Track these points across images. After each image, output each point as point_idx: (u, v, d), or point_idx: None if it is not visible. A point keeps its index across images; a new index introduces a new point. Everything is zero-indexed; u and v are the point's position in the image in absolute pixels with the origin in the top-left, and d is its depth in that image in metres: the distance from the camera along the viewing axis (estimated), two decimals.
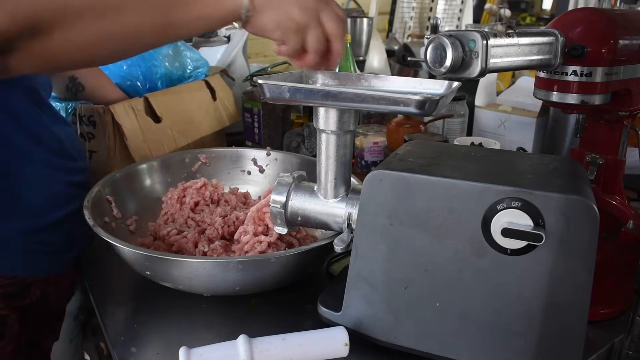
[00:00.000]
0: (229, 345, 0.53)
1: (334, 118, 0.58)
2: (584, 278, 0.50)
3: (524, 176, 0.53)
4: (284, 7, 0.56)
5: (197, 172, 0.95)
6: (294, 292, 0.72)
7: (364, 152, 1.12)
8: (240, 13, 0.54)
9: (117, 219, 0.80)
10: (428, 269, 0.55)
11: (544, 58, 0.58)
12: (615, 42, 0.58)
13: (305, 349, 0.55)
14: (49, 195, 0.71)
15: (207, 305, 0.69)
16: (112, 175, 0.84)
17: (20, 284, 0.69)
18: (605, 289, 0.64)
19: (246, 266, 0.62)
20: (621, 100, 0.62)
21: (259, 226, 0.71)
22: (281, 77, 0.61)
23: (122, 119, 0.93)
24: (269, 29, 0.57)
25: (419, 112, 0.52)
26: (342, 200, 0.62)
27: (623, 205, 0.64)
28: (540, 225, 0.49)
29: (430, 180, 0.53)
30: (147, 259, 0.64)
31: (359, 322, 0.59)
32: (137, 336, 0.64)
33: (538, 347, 0.52)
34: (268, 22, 0.56)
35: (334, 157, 0.61)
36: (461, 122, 1.16)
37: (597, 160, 0.64)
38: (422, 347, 0.57)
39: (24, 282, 0.69)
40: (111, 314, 0.69)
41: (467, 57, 0.54)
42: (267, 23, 0.56)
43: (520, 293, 0.52)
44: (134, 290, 0.74)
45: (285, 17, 0.56)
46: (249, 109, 1.27)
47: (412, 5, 2.19)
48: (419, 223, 0.54)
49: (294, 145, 1.20)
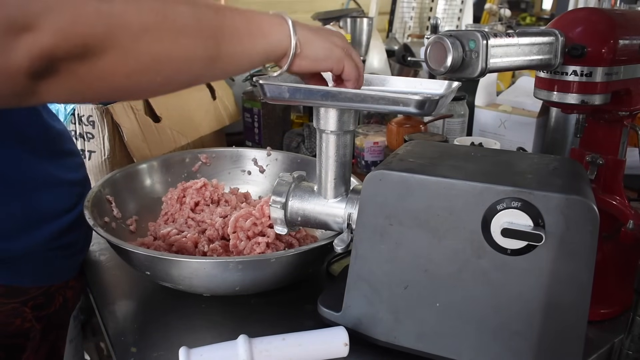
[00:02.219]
0: (228, 345, 0.53)
1: (334, 118, 0.58)
2: (584, 278, 0.50)
3: (524, 176, 0.53)
4: (327, 36, 0.56)
5: (197, 172, 0.95)
6: (294, 292, 0.72)
7: (364, 152, 1.12)
8: (289, 45, 0.52)
9: (117, 219, 0.80)
10: (428, 269, 0.55)
11: (544, 58, 0.58)
12: (615, 42, 0.58)
13: (305, 349, 0.55)
14: (61, 197, 0.70)
15: (207, 305, 0.69)
16: (112, 175, 0.84)
17: (47, 293, 0.68)
18: (605, 289, 0.64)
19: (246, 266, 0.62)
20: (621, 100, 0.62)
21: (248, 231, 0.72)
22: (281, 77, 0.61)
23: (122, 119, 0.93)
24: (322, 57, 0.55)
25: (418, 112, 0.52)
26: (342, 200, 0.62)
27: (623, 205, 0.64)
28: (540, 226, 0.49)
29: (430, 180, 0.53)
30: (147, 259, 0.64)
31: (359, 322, 0.59)
32: (137, 336, 0.64)
33: (538, 347, 0.52)
34: (320, 51, 0.55)
35: (334, 157, 0.61)
36: (461, 122, 1.16)
37: (597, 160, 0.64)
38: (422, 347, 0.57)
39: (49, 290, 0.69)
40: (111, 314, 0.69)
41: (467, 57, 0.54)
42: (319, 52, 0.55)
43: (520, 293, 0.52)
44: (134, 290, 0.74)
45: (333, 44, 0.55)
46: (249, 109, 1.27)
47: (412, 5, 2.19)
48: (419, 223, 0.54)
49: (294, 145, 1.20)
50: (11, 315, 0.64)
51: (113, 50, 0.41)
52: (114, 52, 0.41)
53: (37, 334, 0.68)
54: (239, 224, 0.72)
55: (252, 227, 0.71)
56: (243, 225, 0.71)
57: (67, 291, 0.72)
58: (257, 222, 0.72)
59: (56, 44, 0.37)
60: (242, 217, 0.72)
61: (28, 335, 0.67)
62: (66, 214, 0.69)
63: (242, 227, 0.71)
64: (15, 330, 0.65)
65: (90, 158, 0.95)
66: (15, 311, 0.64)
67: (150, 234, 0.80)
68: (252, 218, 0.72)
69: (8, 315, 0.64)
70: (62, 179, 0.70)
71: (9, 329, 0.64)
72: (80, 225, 0.71)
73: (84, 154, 0.95)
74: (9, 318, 0.64)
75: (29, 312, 0.66)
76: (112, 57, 0.41)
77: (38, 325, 0.68)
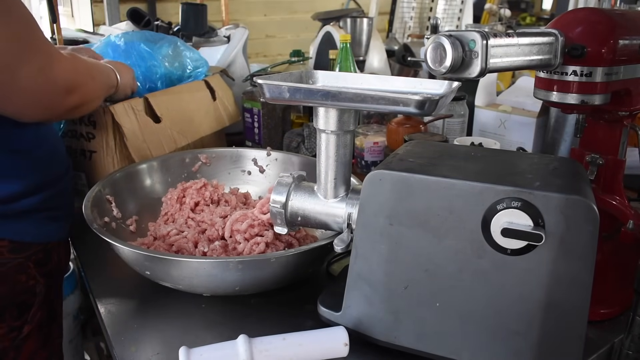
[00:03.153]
0: (228, 345, 0.53)
1: (334, 118, 0.58)
2: (584, 278, 0.50)
3: (523, 176, 0.53)
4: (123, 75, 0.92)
5: (197, 172, 0.95)
6: (294, 292, 0.72)
7: (364, 152, 1.12)
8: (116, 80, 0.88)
9: (117, 219, 0.80)
10: (428, 269, 0.55)
11: (544, 58, 0.58)
12: (615, 42, 0.58)
13: (305, 349, 0.55)
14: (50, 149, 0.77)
15: (207, 305, 0.69)
16: (112, 175, 0.84)
17: (45, 250, 0.75)
18: (605, 289, 0.64)
19: (246, 266, 0.62)
20: (621, 100, 0.62)
21: (245, 232, 0.72)
22: (281, 77, 0.61)
23: (122, 119, 0.93)
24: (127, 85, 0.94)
25: (418, 112, 0.52)
26: (342, 200, 0.62)
27: (623, 205, 0.64)
28: (540, 225, 0.49)
29: (430, 180, 0.53)
30: (147, 259, 0.64)
31: (359, 322, 0.59)
32: (137, 336, 0.64)
33: (538, 347, 0.52)
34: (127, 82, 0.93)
35: (334, 157, 0.61)
36: (461, 122, 1.16)
37: (597, 160, 0.64)
38: (422, 347, 0.57)
39: (47, 247, 0.76)
40: (111, 314, 0.69)
41: (467, 57, 0.54)
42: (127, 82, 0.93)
43: (520, 293, 0.52)
44: (134, 290, 0.74)
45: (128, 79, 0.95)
46: (249, 109, 1.27)
47: (412, 5, 2.19)
48: (419, 223, 0.54)
49: (294, 145, 1.20)
50: (18, 270, 0.72)
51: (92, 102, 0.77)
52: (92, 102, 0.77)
53: (42, 289, 0.75)
54: (235, 227, 0.72)
55: (249, 229, 0.71)
56: (239, 227, 0.71)
57: (60, 250, 0.80)
58: (253, 224, 0.72)
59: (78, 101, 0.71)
60: (238, 220, 0.72)
61: (34, 291, 0.74)
62: (59, 181, 0.78)
63: (238, 230, 0.71)
64: (22, 288, 0.72)
65: (90, 158, 0.95)
66: (21, 267, 0.72)
67: (150, 234, 0.80)
68: (249, 220, 0.72)
69: (16, 271, 0.71)
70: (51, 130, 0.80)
71: (17, 288, 0.72)
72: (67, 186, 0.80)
73: (84, 154, 0.95)
74: (16, 274, 0.71)
75: (32, 268, 0.73)
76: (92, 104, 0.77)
77: (42, 280, 0.75)
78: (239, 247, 0.71)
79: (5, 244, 0.70)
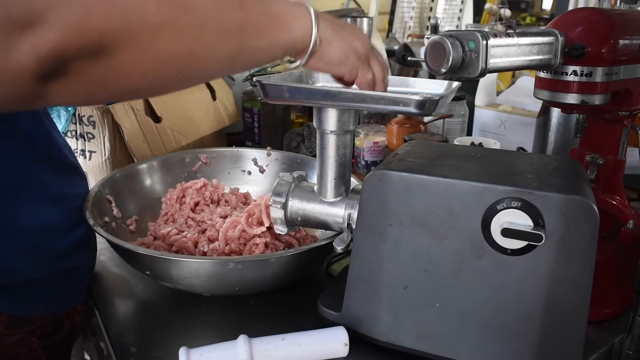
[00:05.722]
0: (228, 346, 0.53)
1: (334, 118, 0.58)
2: (584, 278, 0.50)
3: (524, 176, 0.53)
4: (349, 39, 0.53)
5: (197, 172, 0.95)
6: (294, 292, 0.72)
7: (364, 152, 1.12)
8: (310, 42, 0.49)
9: (117, 218, 0.80)
10: (428, 269, 0.55)
11: (544, 58, 0.58)
12: (615, 42, 0.58)
13: (305, 349, 0.55)
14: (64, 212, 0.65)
15: (207, 305, 0.69)
16: (112, 175, 0.84)
17: (55, 320, 0.65)
18: (605, 289, 0.64)
19: (246, 266, 0.62)
20: (621, 100, 0.62)
21: (238, 239, 0.71)
22: (281, 77, 0.61)
23: (122, 119, 0.93)
24: (336, 62, 0.52)
25: (418, 112, 0.52)
26: (342, 200, 0.62)
27: (623, 205, 0.64)
28: (540, 225, 0.49)
29: (430, 180, 0.53)
30: (147, 258, 0.64)
31: (359, 322, 0.59)
32: (137, 336, 0.64)
33: (538, 347, 0.52)
34: (335, 55, 0.52)
35: (334, 157, 0.60)
36: (461, 122, 1.16)
37: (597, 160, 0.64)
38: (422, 347, 0.57)
39: (58, 317, 0.65)
40: (111, 314, 0.69)
41: (467, 57, 0.54)
42: (334, 56, 0.52)
43: (520, 293, 0.52)
44: (134, 290, 0.74)
45: (352, 49, 0.53)
46: (249, 109, 1.27)
47: (412, 5, 2.19)
48: (419, 223, 0.54)
49: (294, 145, 1.20)
50: (18, 346, 0.60)
51: (129, 48, 0.36)
52: (130, 49, 0.36)
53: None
54: (229, 236, 0.71)
55: (242, 234, 0.71)
56: (232, 235, 0.71)
57: (75, 316, 0.69)
58: (246, 229, 0.71)
59: (66, 41, 0.33)
60: (230, 229, 0.72)
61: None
62: (68, 233, 0.65)
63: (231, 238, 0.71)
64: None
65: (90, 158, 0.95)
66: (22, 341, 0.61)
67: (150, 234, 0.80)
68: (240, 226, 0.71)
69: (15, 347, 0.60)
70: (66, 193, 0.66)
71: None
72: (85, 246, 0.68)
73: (84, 154, 0.95)
74: (15, 349, 0.60)
75: (36, 342, 0.62)
76: (128, 56, 0.37)
77: (44, 354, 0.64)
78: None
79: (3, 318, 0.58)
